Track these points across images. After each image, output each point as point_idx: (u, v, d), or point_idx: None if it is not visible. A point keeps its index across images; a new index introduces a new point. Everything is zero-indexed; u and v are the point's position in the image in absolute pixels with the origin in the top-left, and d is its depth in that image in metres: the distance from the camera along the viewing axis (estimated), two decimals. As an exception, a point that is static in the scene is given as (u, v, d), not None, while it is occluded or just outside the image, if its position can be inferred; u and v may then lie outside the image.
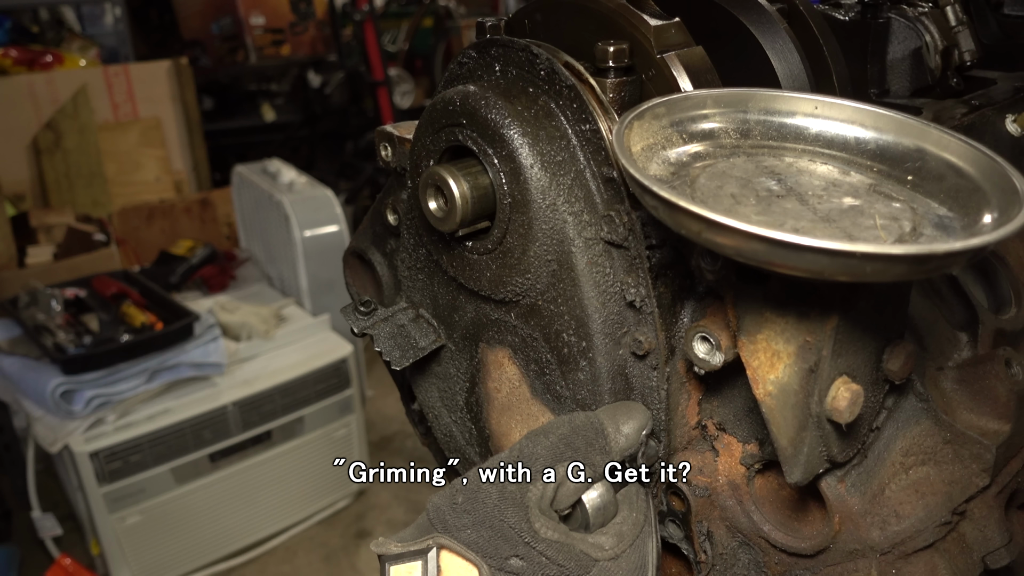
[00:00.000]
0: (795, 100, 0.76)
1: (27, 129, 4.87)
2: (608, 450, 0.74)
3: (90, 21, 6.32)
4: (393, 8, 7.79)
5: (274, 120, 7.18)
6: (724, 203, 0.65)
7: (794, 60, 0.94)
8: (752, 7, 0.96)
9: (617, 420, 0.76)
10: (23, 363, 3.19)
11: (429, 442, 1.15)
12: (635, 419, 0.76)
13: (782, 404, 0.70)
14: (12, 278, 3.90)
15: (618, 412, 0.77)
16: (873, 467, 0.79)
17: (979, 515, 0.81)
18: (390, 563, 0.68)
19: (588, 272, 0.79)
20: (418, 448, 4.27)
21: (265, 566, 3.60)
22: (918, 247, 0.54)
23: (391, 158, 0.99)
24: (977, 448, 0.80)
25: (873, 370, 0.73)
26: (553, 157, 0.78)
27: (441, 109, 0.84)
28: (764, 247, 0.55)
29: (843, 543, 0.79)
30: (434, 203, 0.82)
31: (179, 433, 3.22)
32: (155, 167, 5.32)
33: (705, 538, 0.86)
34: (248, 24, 7.03)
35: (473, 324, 0.94)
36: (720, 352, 0.73)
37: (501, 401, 0.93)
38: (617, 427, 0.75)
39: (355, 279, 1.15)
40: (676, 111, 0.75)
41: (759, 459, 0.82)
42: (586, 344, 0.81)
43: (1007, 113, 1.09)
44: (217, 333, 3.40)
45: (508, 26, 0.92)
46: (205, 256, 4.29)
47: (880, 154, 0.73)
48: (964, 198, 0.66)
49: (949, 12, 1.12)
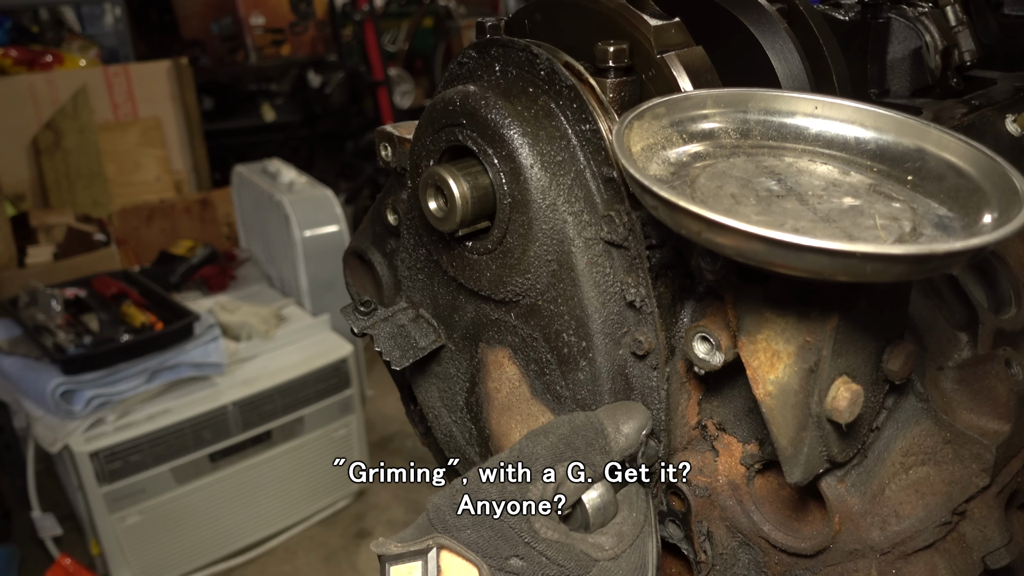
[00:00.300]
0: (795, 100, 0.76)
1: (27, 129, 4.87)
2: (608, 450, 0.74)
3: (90, 21, 6.32)
4: (393, 8, 7.78)
5: (274, 120, 7.18)
6: (724, 203, 0.65)
7: (794, 60, 0.94)
8: (752, 7, 0.96)
9: (617, 420, 0.76)
10: (23, 363, 3.19)
11: (429, 442, 1.15)
12: (635, 419, 0.76)
13: (782, 404, 0.70)
14: (12, 278, 3.90)
15: (618, 412, 0.77)
16: (873, 467, 0.79)
17: (979, 515, 0.81)
18: (390, 563, 0.68)
19: (588, 272, 0.79)
20: (418, 448, 4.27)
21: (265, 566, 3.60)
22: (918, 247, 0.54)
23: (391, 158, 0.99)
24: (977, 448, 0.80)
25: (873, 370, 0.73)
26: (553, 157, 0.78)
27: (441, 109, 0.84)
28: (764, 247, 0.55)
29: (843, 543, 0.79)
30: (434, 203, 0.82)
31: (179, 433, 3.22)
32: (155, 167, 5.32)
33: (705, 538, 0.86)
34: (248, 24, 7.03)
35: (473, 324, 0.94)
36: (720, 352, 0.73)
37: (501, 401, 0.93)
38: (617, 427, 0.75)
39: (355, 279, 1.15)
40: (676, 111, 0.75)
41: (759, 459, 0.82)
42: (586, 344, 0.81)
43: (1007, 113, 1.09)
44: (217, 333, 3.40)
45: (508, 26, 0.92)
46: (205, 256, 4.29)
47: (880, 154, 0.73)
48: (964, 198, 0.66)
49: (949, 12, 1.12)
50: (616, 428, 0.75)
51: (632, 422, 0.76)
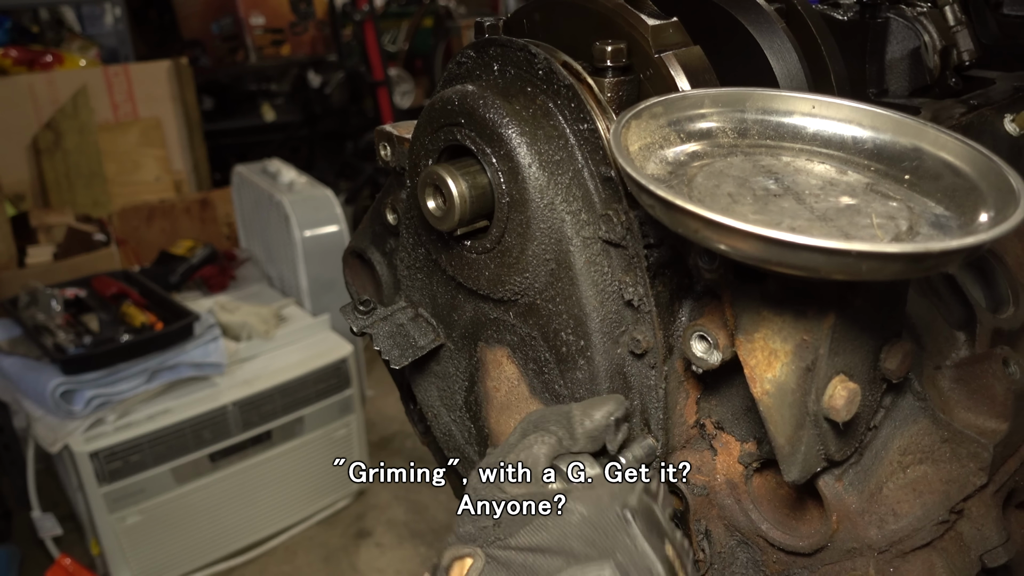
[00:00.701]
0: (793, 99, 0.77)
1: (27, 129, 4.87)
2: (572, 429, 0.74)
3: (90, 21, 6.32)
4: (393, 8, 7.78)
5: (274, 120, 7.18)
6: (721, 202, 0.65)
7: (792, 60, 0.94)
8: (750, 7, 0.96)
9: (586, 407, 0.76)
10: (23, 363, 3.19)
11: (428, 441, 1.16)
12: (605, 406, 0.76)
13: (779, 403, 0.70)
14: (12, 278, 3.90)
15: (591, 402, 0.77)
16: (871, 466, 0.79)
17: (977, 514, 0.81)
18: None
19: (586, 271, 0.79)
20: (418, 448, 4.27)
21: (265, 566, 3.60)
22: (914, 245, 0.54)
23: (390, 158, 0.99)
24: (974, 447, 0.80)
25: (870, 369, 0.73)
26: (551, 156, 0.79)
27: (440, 108, 0.84)
28: (761, 246, 0.56)
29: (841, 541, 0.79)
30: (433, 202, 0.83)
31: (179, 433, 3.22)
32: (155, 167, 5.32)
33: (703, 537, 0.87)
34: (248, 24, 7.03)
35: (472, 323, 0.94)
36: (718, 351, 0.74)
37: (500, 400, 0.93)
38: (585, 411, 0.75)
39: (355, 278, 1.15)
40: (674, 110, 0.75)
41: (757, 458, 0.82)
42: (584, 343, 0.81)
43: (1005, 113, 1.09)
44: (217, 333, 3.40)
45: (507, 26, 0.93)
46: (205, 256, 4.29)
47: (877, 153, 0.73)
48: (961, 197, 0.66)
49: (948, 12, 1.12)
50: (584, 412, 0.75)
51: (602, 408, 0.75)
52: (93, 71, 5.16)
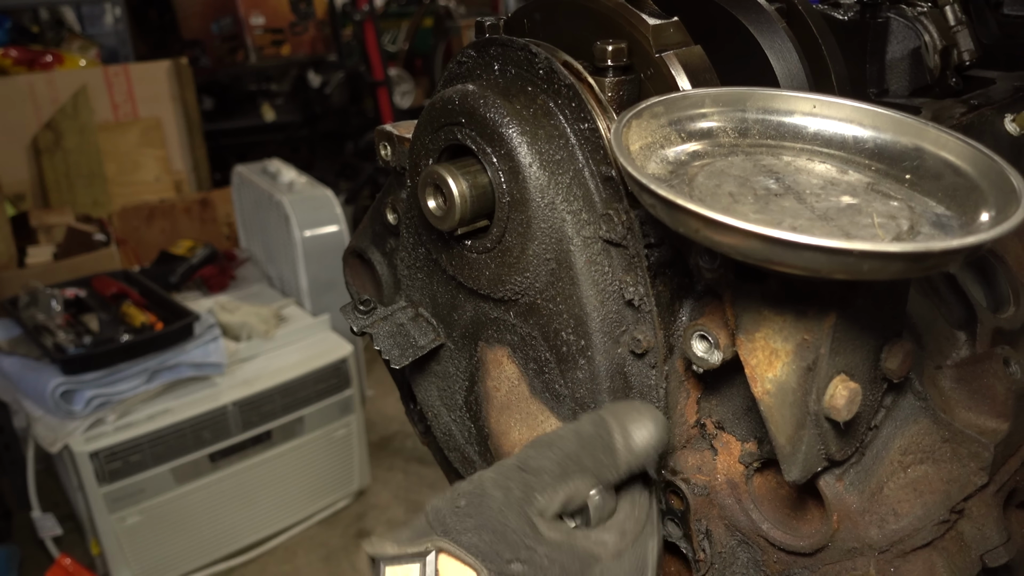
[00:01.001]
0: (793, 99, 0.77)
1: (27, 129, 4.88)
2: (617, 468, 0.70)
3: (90, 21, 6.32)
4: (393, 8, 7.79)
5: (274, 120, 7.19)
6: (722, 201, 0.65)
7: (792, 59, 0.94)
8: (751, 6, 0.96)
9: (628, 430, 0.71)
10: (23, 363, 3.20)
11: (428, 441, 1.16)
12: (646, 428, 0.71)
13: (780, 402, 0.70)
14: (12, 278, 3.90)
15: (628, 421, 0.72)
16: (871, 465, 0.79)
17: (977, 513, 0.81)
18: (386, 563, 0.67)
19: (587, 271, 0.79)
20: (418, 448, 4.27)
21: (265, 566, 3.60)
22: (915, 245, 0.54)
23: (390, 157, 0.99)
24: (975, 447, 0.80)
25: (871, 368, 0.73)
26: (552, 156, 0.79)
27: (440, 108, 0.84)
28: (762, 245, 0.56)
29: (841, 541, 0.79)
30: (433, 202, 0.82)
31: (179, 433, 3.22)
32: (155, 167, 5.32)
33: (704, 537, 0.87)
34: (248, 24, 7.03)
35: (472, 323, 0.94)
36: (718, 350, 0.74)
37: (500, 400, 0.93)
38: (627, 443, 0.71)
39: (355, 278, 1.15)
40: (674, 110, 0.75)
41: (758, 457, 0.82)
42: (585, 343, 0.81)
43: (1006, 113, 1.09)
44: (217, 333, 3.40)
45: (507, 25, 0.93)
46: (205, 256, 4.29)
47: (878, 153, 0.73)
48: (962, 196, 0.66)
49: (948, 12, 1.12)
50: (627, 445, 0.70)
51: (643, 432, 0.71)
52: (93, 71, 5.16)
